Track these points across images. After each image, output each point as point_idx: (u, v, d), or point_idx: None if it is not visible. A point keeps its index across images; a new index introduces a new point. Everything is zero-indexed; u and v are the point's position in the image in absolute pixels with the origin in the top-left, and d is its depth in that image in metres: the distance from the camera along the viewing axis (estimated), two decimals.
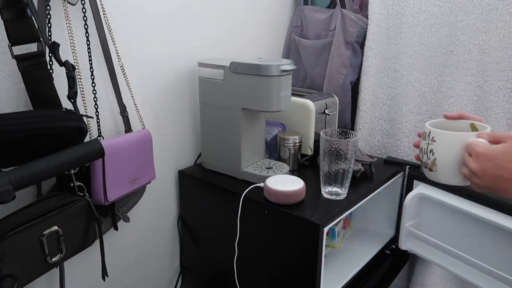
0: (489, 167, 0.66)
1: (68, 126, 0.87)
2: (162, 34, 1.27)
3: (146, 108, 1.27)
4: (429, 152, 0.75)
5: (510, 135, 0.68)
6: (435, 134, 0.75)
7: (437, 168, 0.75)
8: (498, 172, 0.66)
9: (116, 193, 1.06)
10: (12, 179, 0.73)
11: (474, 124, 0.80)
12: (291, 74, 1.19)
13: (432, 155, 0.75)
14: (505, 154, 0.66)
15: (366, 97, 1.60)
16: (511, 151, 0.66)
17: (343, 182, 1.14)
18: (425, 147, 0.76)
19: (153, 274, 1.45)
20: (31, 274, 0.85)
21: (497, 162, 0.66)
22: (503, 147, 0.67)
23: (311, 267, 1.07)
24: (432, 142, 0.75)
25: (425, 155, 0.77)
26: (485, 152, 0.67)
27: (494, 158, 0.66)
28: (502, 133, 0.70)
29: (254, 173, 1.25)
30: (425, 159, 0.77)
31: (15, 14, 0.83)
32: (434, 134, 0.75)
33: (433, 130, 0.75)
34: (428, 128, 0.76)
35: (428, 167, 0.77)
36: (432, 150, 0.75)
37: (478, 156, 0.67)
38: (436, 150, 0.74)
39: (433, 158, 0.75)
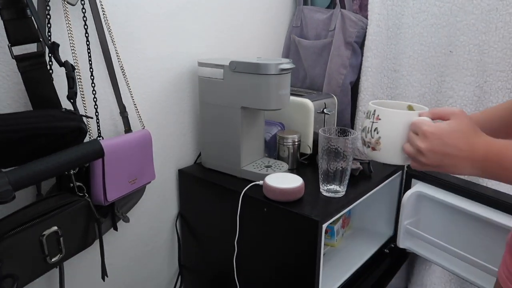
0: (436, 145, 0.67)
1: (68, 126, 0.87)
2: (162, 34, 1.27)
3: (145, 108, 1.27)
4: (373, 131, 0.75)
5: (452, 111, 0.69)
6: (380, 112, 0.74)
7: (381, 147, 0.75)
8: (446, 150, 0.67)
9: (115, 193, 1.06)
10: (11, 179, 0.73)
11: (411, 105, 0.80)
12: (290, 73, 1.20)
13: (377, 134, 0.74)
14: (451, 131, 0.67)
15: (366, 97, 1.60)
16: (456, 128, 0.67)
17: (342, 180, 1.15)
18: (369, 125, 0.75)
19: (153, 274, 1.45)
20: (31, 274, 0.85)
21: (443, 139, 0.66)
22: (448, 124, 0.67)
23: (310, 264, 1.07)
24: (377, 120, 0.74)
25: (368, 133, 0.76)
26: (433, 131, 0.67)
27: (441, 136, 0.66)
28: (443, 109, 0.71)
29: (253, 171, 1.26)
30: (369, 138, 0.76)
31: (15, 14, 0.83)
32: (379, 112, 0.74)
33: (378, 108, 0.74)
34: (372, 106, 0.75)
35: (372, 145, 0.76)
36: (376, 129, 0.74)
37: (426, 134, 0.67)
38: (381, 128, 0.74)
39: (377, 136, 0.74)
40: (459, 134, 0.67)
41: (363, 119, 0.79)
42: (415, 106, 0.80)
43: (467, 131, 0.67)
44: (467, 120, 0.68)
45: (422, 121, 0.70)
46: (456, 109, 0.70)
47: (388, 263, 1.46)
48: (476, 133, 0.68)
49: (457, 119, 0.68)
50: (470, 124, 0.68)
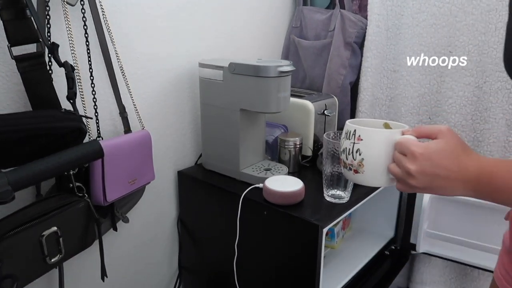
0: (426, 167, 0.63)
1: (68, 127, 0.87)
2: (161, 34, 1.27)
3: (145, 108, 1.27)
4: (355, 152, 0.70)
5: (439, 129, 0.65)
6: (362, 132, 0.69)
7: (364, 169, 0.70)
8: (436, 171, 0.63)
9: (115, 193, 1.06)
10: (11, 180, 0.73)
11: (387, 123, 0.76)
12: (290, 75, 1.19)
13: (359, 155, 0.69)
14: (440, 151, 0.63)
15: (366, 97, 1.60)
16: (445, 147, 0.63)
17: (346, 185, 1.14)
18: (350, 147, 0.70)
19: (153, 275, 1.45)
20: (30, 275, 0.85)
21: (433, 160, 0.63)
22: (436, 143, 0.64)
23: (311, 268, 1.07)
24: (358, 141, 0.69)
25: (350, 155, 0.70)
26: (422, 152, 0.63)
27: (431, 157, 0.63)
28: (429, 127, 0.67)
29: (252, 174, 1.25)
30: (350, 160, 0.70)
31: (14, 15, 0.83)
32: (360, 132, 0.69)
33: (358, 128, 0.69)
34: (352, 126, 0.70)
35: (354, 168, 0.71)
36: (358, 150, 0.69)
37: (415, 155, 0.63)
38: (363, 149, 0.69)
39: (360, 158, 0.69)
40: (449, 154, 0.63)
41: (341, 140, 0.74)
42: (392, 124, 0.76)
43: (456, 150, 0.64)
44: (455, 138, 0.65)
45: (409, 141, 0.66)
46: (442, 126, 0.66)
47: (389, 265, 1.46)
48: (466, 152, 0.64)
49: (445, 138, 0.64)
50: (459, 142, 0.65)
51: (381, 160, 0.69)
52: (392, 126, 0.75)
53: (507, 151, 1.34)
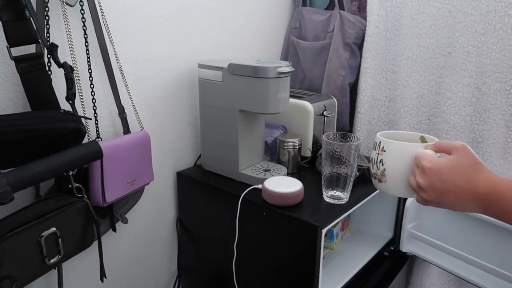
0: (434, 182, 0.65)
1: (67, 128, 0.87)
2: (161, 35, 1.27)
3: (144, 109, 1.27)
4: (379, 163, 0.74)
5: (454, 145, 0.67)
6: (385, 144, 0.73)
7: (387, 179, 0.74)
8: (444, 186, 0.64)
9: (114, 194, 1.06)
10: (10, 180, 0.73)
11: (423, 136, 0.78)
12: (289, 76, 1.19)
13: (382, 165, 0.73)
14: (451, 167, 0.64)
15: (365, 98, 1.60)
16: (456, 164, 0.65)
17: (345, 186, 1.14)
18: (375, 157, 0.74)
19: (152, 276, 1.45)
20: (29, 276, 0.85)
21: (442, 176, 0.64)
22: (448, 160, 0.66)
23: (310, 269, 1.07)
24: (382, 152, 0.73)
25: (375, 165, 0.75)
26: (431, 167, 0.65)
27: (440, 172, 0.65)
28: (447, 143, 0.69)
29: (251, 175, 1.25)
30: (375, 169, 0.75)
31: (13, 16, 0.83)
32: (384, 144, 0.73)
33: (383, 140, 0.73)
34: (378, 138, 0.75)
35: (378, 177, 0.75)
36: (382, 160, 0.73)
37: (425, 170, 0.66)
38: (385, 161, 0.73)
39: (382, 168, 0.73)
40: (459, 170, 0.64)
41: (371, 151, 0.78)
42: (427, 137, 0.77)
43: (467, 167, 0.64)
44: (469, 155, 0.65)
45: (423, 155, 0.68)
46: (458, 143, 0.67)
47: (388, 267, 1.46)
48: (478, 169, 0.65)
49: (458, 154, 0.66)
50: (471, 159, 0.65)
51: (402, 172, 0.71)
52: (427, 139, 0.77)
53: (506, 152, 1.34)
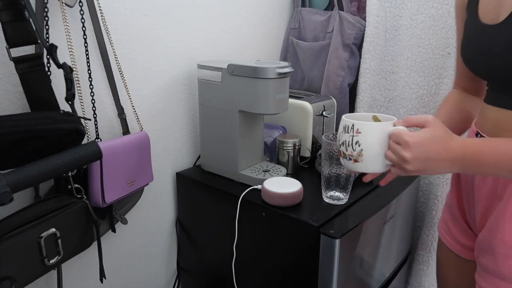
0: (419, 153, 0.72)
1: (66, 128, 0.87)
2: (160, 36, 1.27)
3: (144, 110, 1.27)
4: (355, 144, 0.78)
5: (426, 119, 0.74)
6: (360, 126, 0.78)
7: (363, 158, 0.79)
8: (427, 155, 0.73)
9: (113, 195, 1.06)
10: (10, 181, 0.73)
11: (376, 115, 0.85)
12: (288, 76, 1.19)
13: (358, 146, 0.78)
14: (430, 138, 0.73)
15: (364, 99, 1.60)
16: (433, 134, 0.73)
17: (345, 186, 1.14)
18: (349, 139, 0.79)
19: (151, 276, 1.45)
20: (28, 276, 0.85)
21: (425, 147, 0.72)
22: (425, 132, 0.73)
23: (310, 269, 1.07)
24: (357, 134, 0.78)
25: (349, 147, 0.79)
26: (415, 140, 0.72)
27: (422, 144, 0.72)
28: (416, 117, 0.76)
29: (250, 176, 1.25)
30: (350, 151, 0.80)
31: (13, 17, 0.83)
32: (358, 126, 0.78)
33: (356, 122, 0.78)
34: (350, 121, 0.79)
35: (354, 158, 0.80)
36: (358, 142, 0.78)
37: (409, 144, 0.72)
38: (362, 141, 0.78)
39: (359, 149, 0.78)
40: (437, 140, 0.73)
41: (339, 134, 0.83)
42: (380, 116, 0.84)
43: (442, 135, 0.74)
44: (440, 125, 0.75)
45: (402, 132, 0.74)
46: (428, 116, 0.75)
47: None
48: (450, 136, 0.75)
49: (431, 126, 0.74)
50: (443, 129, 0.75)
51: (378, 149, 0.78)
52: (380, 118, 0.85)
53: None
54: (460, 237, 1.00)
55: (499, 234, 0.81)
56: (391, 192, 1.25)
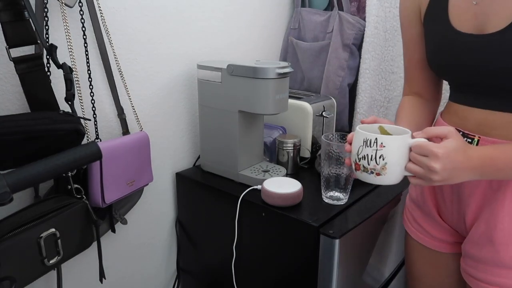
0: (447, 164, 0.73)
1: (66, 129, 0.87)
2: (160, 36, 1.27)
3: (143, 110, 1.27)
4: (379, 158, 0.78)
5: (449, 130, 0.76)
6: (384, 139, 0.78)
7: (387, 171, 0.79)
8: (453, 165, 0.74)
9: (113, 195, 1.06)
10: (9, 182, 0.73)
11: (382, 126, 0.85)
12: (288, 77, 1.19)
13: (383, 160, 0.78)
14: (456, 148, 0.74)
15: (364, 99, 1.60)
16: (456, 145, 0.75)
17: (345, 187, 1.14)
18: (373, 154, 0.78)
19: (151, 276, 1.45)
20: (28, 277, 0.85)
21: (451, 157, 0.74)
22: (450, 143, 0.75)
23: (309, 269, 1.07)
24: (381, 148, 0.77)
25: (372, 161, 0.79)
26: (444, 151, 0.73)
27: (449, 155, 0.73)
28: (437, 129, 0.78)
29: (250, 176, 1.25)
30: (373, 165, 0.79)
31: (12, 17, 0.83)
32: (382, 140, 0.78)
33: (380, 136, 0.78)
34: (372, 135, 0.79)
35: (376, 171, 0.80)
36: (382, 155, 0.78)
37: (438, 156, 0.73)
38: (386, 155, 0.78)
39: (383, 163, 0.78)
40: (460, 150, 0.75)
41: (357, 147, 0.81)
42: (386, 127, 0.85)
43: (463, 146, 0.76)
44: (459, 136, 0.77)
45: (429, 144, 0.75)
46: (451, 128, 0.77)
47: None
48: (468, 145, 0.78)
49: (454, 137, 0.75)
50: (461, 139, 0.77)
51: (401, 162, 0.79)
52: (386, 128, 0.85)
53: None
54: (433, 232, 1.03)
55: (499, 224, 0.84)
56: (390, 192, 1.25)
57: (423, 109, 1.02)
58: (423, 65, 1.00)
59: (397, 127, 0.84)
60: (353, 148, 0.82)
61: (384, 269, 1.34)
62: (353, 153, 0.82)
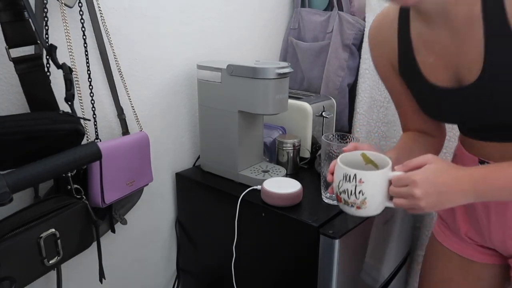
0: (428, 188, 0.71)
1: (65, 129, 0.87)
2: (159, 36, 1.27)
3: (143, 110, 1.27)
4: (358, 193, 0.78)
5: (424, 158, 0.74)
6: (363, 175, 0.77)
7: (367, 205, 0.78)
8: (438, 188, 0.72)
9: (113, 195, 1.06)
10: (9, 182, 0.73)
11: (364, 153, 0.84)
12: (288, 77, 1.19)
13: (362, 195, 0.77)
14: (435, 171, 0.72)
15: (364, 99, 1.60)
16: (436, 168, 0.73)
17: None
18: (352, 189, 0.78)
19: (151, 277, 1.45)
20: (28, 277, 0.85)
21: (431, 181, 0.72)
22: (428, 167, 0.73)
23: (309, 269, 1.07)
24: (360, 184, 0.77)
25: (352, 196, 0.78)
26: (421, 177, 0.72)
27: (428, 178, 0.72)
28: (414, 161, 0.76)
29: (250, 176, 1.25)
30: (353, 199, 0.79)
31: (12, 17, 0.83)
32: (361, 176, 0.77)
33: (359, 172, 0.77)
34: (351, 171, 0.78)
35: (357, 205, 0.79)
36: (361, 191, 0.77)
37: (416, 181, 0.71)
38: (365, 190, 0.77)
39: (362, 198, 0.77)
40: (442, 172, 0.73)
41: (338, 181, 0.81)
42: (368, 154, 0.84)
43: (447, 168, 0.74)
44: (441, 160, 0.75)
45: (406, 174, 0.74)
46: (427, 155, 0.75)
47: None
48: (456, 167, 0.75)
49: (432, 162, 0.74)
50: (446, 163, 0.75)
51: (381, 195, 0.78)
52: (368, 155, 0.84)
53: None
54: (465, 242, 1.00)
55: None
56: None
57: (422, 139, 0.99)
58: (414, 109, 0.97)
59: (379, 155, 0.83)
60: (334, 181, 0.82)
61: (384, 269, 1.34)
62: (335, 186, 0.82)
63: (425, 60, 0.84)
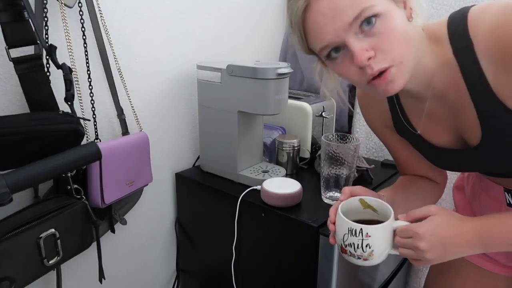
0: (433, 240, 0.71)
1: (65, 129, 0.87)
2: (159, 36, 1.27)
3: (143, 110, 1.27)
4: (365, 247, 0.78)
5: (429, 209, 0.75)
6: (369, 230, 0.77)
7: (373, 256, 0.79)
8: (443, 241, 0.71)
9: (113, 195, 1.06)
10: (9, 182, 0.73)
11: (362, 199, 0.85)
12: (287, 77, 1.19)
13: (369, 248, 0.78)
14: (440, 224, 0.72)
15: None
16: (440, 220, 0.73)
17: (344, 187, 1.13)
18: (359, 243, 0.78)
19: (150, 277, 1.45)
20: (28, 277, 0.85)
21: (437, 233, 0.71)
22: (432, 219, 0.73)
23: (309, 269, 1.07)
24: (367, 238, 0.77)
25: (358, 249, 0.79)
26: (425, 229, 0.71)
27: (433, 232, 0.71)
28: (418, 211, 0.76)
29: (249, 176, 1.26)
30: (359, 252, 0.79)
31: (12, 17, 0.83)
32: (367, 230, 0.77)
33: (364, 227, 0.77)
34: (357, 226, 0.78)
35: (364, 258, 0.80)
36: (368, 244, 0.78)
37: (420, 234, 0.71)
38: (372, 243, 0.77)
39: (369, 250, 0.78)
40: (446, 225, 0.73)
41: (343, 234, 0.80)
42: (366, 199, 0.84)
43: (451, 220, 0.73)
44: (445, 211, 0.74)
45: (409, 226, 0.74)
46: (430, 206, 0.75)
47: None
48: (460, 219, 0.74)
49: (436, 214, 0.73)
50: (450, 214, 0.74)
51: (387, 246, 0.79)
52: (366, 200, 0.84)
53: None
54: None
55: None
56: None
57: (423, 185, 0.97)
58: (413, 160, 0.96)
59: (377, 200, 0.83)
60: (338, 233, 0.81)
61: (384, 269, 1.33)
62: (338, 238, 0.81)
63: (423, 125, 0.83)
